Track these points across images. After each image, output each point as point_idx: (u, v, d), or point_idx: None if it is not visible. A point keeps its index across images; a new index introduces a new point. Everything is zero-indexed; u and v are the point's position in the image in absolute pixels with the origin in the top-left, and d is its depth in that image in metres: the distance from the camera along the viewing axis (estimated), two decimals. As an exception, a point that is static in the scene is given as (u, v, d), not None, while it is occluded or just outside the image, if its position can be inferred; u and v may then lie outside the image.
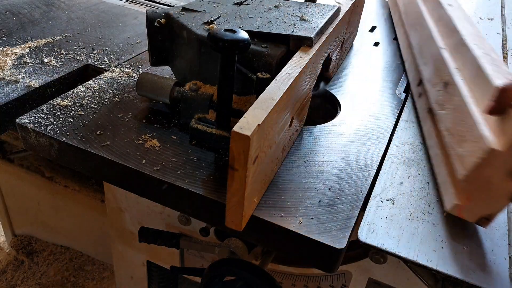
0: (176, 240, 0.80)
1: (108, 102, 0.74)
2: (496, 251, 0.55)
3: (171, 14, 0.72)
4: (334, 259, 0.53)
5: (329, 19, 0.75)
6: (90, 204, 1.22)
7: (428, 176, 0.65)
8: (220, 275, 0.70)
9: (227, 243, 0.75)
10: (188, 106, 0.67)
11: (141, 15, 1.12)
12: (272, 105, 0.50)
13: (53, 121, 0.67)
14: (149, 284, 1.04)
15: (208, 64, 0.67)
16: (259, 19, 0.73)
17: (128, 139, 0.66)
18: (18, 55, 0.86)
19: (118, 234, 0.98)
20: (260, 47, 0.65)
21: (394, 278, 0.71)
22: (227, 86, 0.58)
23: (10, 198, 1.43)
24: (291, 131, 0.64)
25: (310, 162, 0.66)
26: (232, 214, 0.52)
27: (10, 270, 1.49)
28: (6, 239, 1.58)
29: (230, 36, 0.54)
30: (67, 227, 1.41)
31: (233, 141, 0.45)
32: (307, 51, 0.66)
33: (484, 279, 0.51)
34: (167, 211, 0.84)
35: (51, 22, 1.02)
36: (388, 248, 0.53)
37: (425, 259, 0.52)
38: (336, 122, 0.77)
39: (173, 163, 0.62)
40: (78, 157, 0.64)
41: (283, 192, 0.59)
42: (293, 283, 0.81)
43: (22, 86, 0.76)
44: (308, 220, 0.55)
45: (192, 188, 0.58)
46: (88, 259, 1.50)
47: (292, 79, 0.57)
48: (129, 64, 0.87)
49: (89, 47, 0.93)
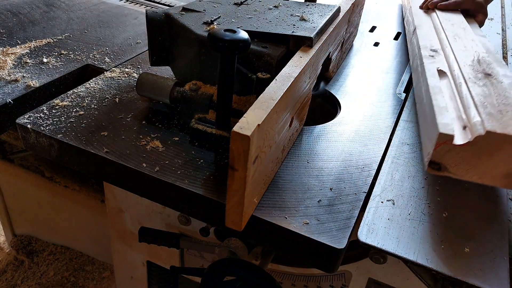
0: (176, 240, 0.80)
1: (108, 102, 0.74)
2: (496, 251, 0.55)
3: (171, 14, 0.72)
4: (334, 259, 0.53)
5: (329, 19, 0.75)
6: (90, 204, 1.22)
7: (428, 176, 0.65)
8: (220, 275, 0.70)
9: (227, 243, 0.75)
10: (188, 106, 0.67)
11: (141, 15, 1.12)
12: (272, 105, 0.50)
13: (53, 121, 0.67)
14: (149, 284, 1.04)
15: (208, 64, 0.67)
16: (259, 19, 0.73)
17: (128, 139, 0.66)
18: (18, 55, 0.86)
19: (118, 234, 0.98)
20: (260, 47, 0.65)
21: (394, 278, 0.71)
22: (227, 86, 0.58)
23: (10, 198, 1.43)
24: (291, 131, 0.64)
25: (310, 162, 0.66)
26: (232, 214, 0.52)
27: (10, 270, 1.49)
28: (6, 239, 1.58)
29: (230, 36, 0.54)
30: (67, 227, 1.41)
31: (233, 141, 0.45)
32: (307, 51, 0.66)
33: (484, 279, 0.51)
34: (167, 211, 0.84)
35: (51, 22, 1.02)
36: (388, 248, 0.53)
37: (425, 259, 0.52)
38: (336, 122, 0.77)
39: (173, 163, 0.62)
40: (78, 157, 0.64)
41: (283, 192, 0.59)
42: (293, 283, 0.81)
43: (22, 86, 0.76)
44: (308, 220, 0.55)
45: (192, 188, 0.58)
46: (88, 259, 1.50)
47: (292, 79, 0.57)
48: (129, 64, 0.87)
49: (89, 47, 0.93)
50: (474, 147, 0.52)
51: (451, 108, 0.60)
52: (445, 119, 0.56)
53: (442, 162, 0.54)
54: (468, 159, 0.53)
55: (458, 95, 0.62)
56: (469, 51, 0.76)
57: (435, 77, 0.69)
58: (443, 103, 0.61)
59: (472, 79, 0.64)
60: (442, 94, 0.63)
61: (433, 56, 0.76)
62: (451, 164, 0.54)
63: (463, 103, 0.60)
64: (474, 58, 0.72)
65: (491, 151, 0.52)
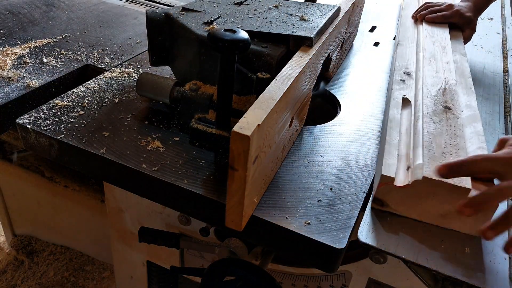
0: (176, 240, 0.80)
1: (108, 102, 0.74)
2: (496, 251, 0.55)
3: (171, 14, 0.72)
4: (334, 259, 0.53)
5: (329, 19, 0.75)
6: (90, 204, 1.22)
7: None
8: (220, 275, 0.70)
9: (227, 243, 0.75)
10: (188, 106, 0.67)
11: (141, 15, 1.12)
12: (272, 105, 0.50)
13: (53, 121, 0.67)
14: (149, 284, 1.04)
15: (208, 64, 0.67)
16: (258, 19, 0.73)
17: (128, 139, 0.66)
18: (18, 55, 0.86)
19: (118, 234, 0.98)
20: (260, 47, 0.65)
21: (394, 278, 0.71)
22: (227, 86, 0.58)
23: (10, 198, 1.43)
24: (291, 131, 0.64)
25: (310, 162, 0.66)
26: (232, 214, 0.52)
27: (10, 270, 1.49)
28: (6, 239, 1.58)
29: (230, 36, 0.54)
30: (67, 227, 1.40)
31: (233, 141, 0.45)
32: (307, 51, 0.66)
33: (484, 279, 0.51)
34: (167, 211, 0.84)
35: (51, 22, 1.02)
36: (388, 248, 0.53)
37: (425, 259, 0.52)
38: (336, 122, 0.77)
39: (173, 163, 0.62)
40: (78, 157, 0.64)
41: (283, 192, 0.59)
42: (293, 283, 0.81)
43: (22, 86, 0.76)
44: (308, 220, 0.55)
45: (192, 188, 0.58)
46: (88, 259, 1.50)
47: (292, 79, 0.57)
48: (129, 64, 0.87)
49: (89, 47, 0.93)
50: (413, 189, 0.55)
51: (403, 143, 0.63)
52: (391, 159, 0.59)
53: (384, 200, 0.58)
54: (408, 199, 0.56)
55: (413, 130, 0.64)
56: (439, 78, 0.78)
57: (398, 108, 0.71)
58: (395, 139, 0.63)
59: (430, 114, 0.67)
60: (398, 129, 0.66)
61: (404, 81, 0.77)
62: (392, 202, 0.58)
63: (414, 140, 0.62)
64: (441, 86, 0.75)
65: (428, 194, 0.55)
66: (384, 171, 0.56)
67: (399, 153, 0.61)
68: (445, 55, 0.87)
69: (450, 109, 0.69)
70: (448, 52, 0.88)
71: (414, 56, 0.88)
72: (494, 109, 0.86)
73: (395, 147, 0.62)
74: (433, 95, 0.72)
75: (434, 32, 0.97)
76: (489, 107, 0.87)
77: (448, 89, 0.74)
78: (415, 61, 0.86)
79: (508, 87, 0.96)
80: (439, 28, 1.00)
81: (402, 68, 0.83)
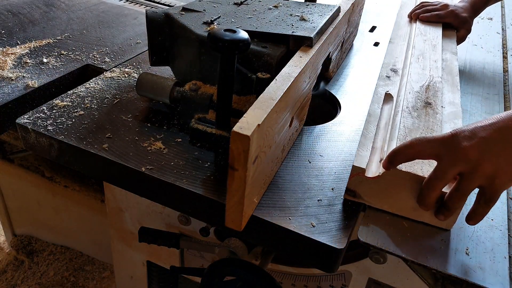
0: (176, 240, 0.80)
1: (108, 102, 0.74)
2: (496, 250, 0.55)
3: (171, 14, 0.72)
4: (334, 259, 0.53)
5: (329, 19, 0.75)
6: (90, 204, 1.22)
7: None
8: (220, 275, 0.70)
9: (227, 243, 0.75)
10: (188, 106, 0.67)
11: (141, 15, 1.12)
12: (272, 105, 0.50)
13: (53, 121, 0.67)
14: (149, 284, 1.04)
15: (208, 64, 0.67)
16: (258, 19, 0.73)
17: (128, 139, 0.66)
18: (18, 55, 0.86)
19: (118, 234, 0.98)
20: (260, 47, 0.65)
21: (394, 278, 0.71)
22: (227, 86, 0.58)
23: (10, 198, 1.43)
24: (291, 131, 0.64)
25: (310, 162, 0.66)
26: (232, 214, 0.52)
27: (10, 270, 1.49)
28: (6, 239, 1.58)
29: (230, 36, 0.54)
30: (67, 227, 1.40)
31: (233, 141, 0.45)
32: (307, 51, 0.66)
33: (484, 278, 0.51)
34: (167, 211, 0.84)
35: (51, 22, 1.02)
36: (388, 248, 0.53)
37: (425, 258, 0.52)
38: (336, 122, 0.77)
39: (173, 163, 0.62)
40: (78, 157, 0.64)
41: (283, 192, 0.60)
42: (293, 283, 0.81)
43: (22, 86, 0.76)
44: (308, 220, 0.55)
45: (192, 188, 0.58)
46: (88, 259, 1.50)
47: (292, 79, 0.57)
48: (129, 64, 0.87)
49: (89, 47, 0.93)
50: (384, 181, 0.55)
51: (380, 137, 0.63)
52: (364, 151, 0.60)
53: (356, 191, 0.58)
54: (379, 191, 0.57)
55: (391, 125, 0.65)
56: (425, 75, 0.79)
57: (379, 103, 0.71)
58: (371, 132, 0.64)
59: (409, 109, 0.68)
60: (376, 123, 0.66)
61: (390, 78, 0.77)
62: (364, 193, 0.58)
63: (390, 134, 0.63)
64: (424, 83, 0.75)
65: (399, 186, 0.55)
66: (356, 162, 0.57)
67: (375, 146, 0.61)
68: (434, 53, 0.87)
69: (431, 105, 0.69)
70: (438, 51, 0.88)
71: (404, 54, 0.88)
72: (494, 109, 0.86)
73: (370, 140, 0.62)
74: (415, 91, 0.72)
75: (427, 31, 0.98)
76: (489, 107, 0.87)
77: (431, 86, 0.74)
78: (403, 58, 0.86)
79: (508, 87, 0.96)
80: (432, 27, 1.00)
81: (390, 65, 0.83)
